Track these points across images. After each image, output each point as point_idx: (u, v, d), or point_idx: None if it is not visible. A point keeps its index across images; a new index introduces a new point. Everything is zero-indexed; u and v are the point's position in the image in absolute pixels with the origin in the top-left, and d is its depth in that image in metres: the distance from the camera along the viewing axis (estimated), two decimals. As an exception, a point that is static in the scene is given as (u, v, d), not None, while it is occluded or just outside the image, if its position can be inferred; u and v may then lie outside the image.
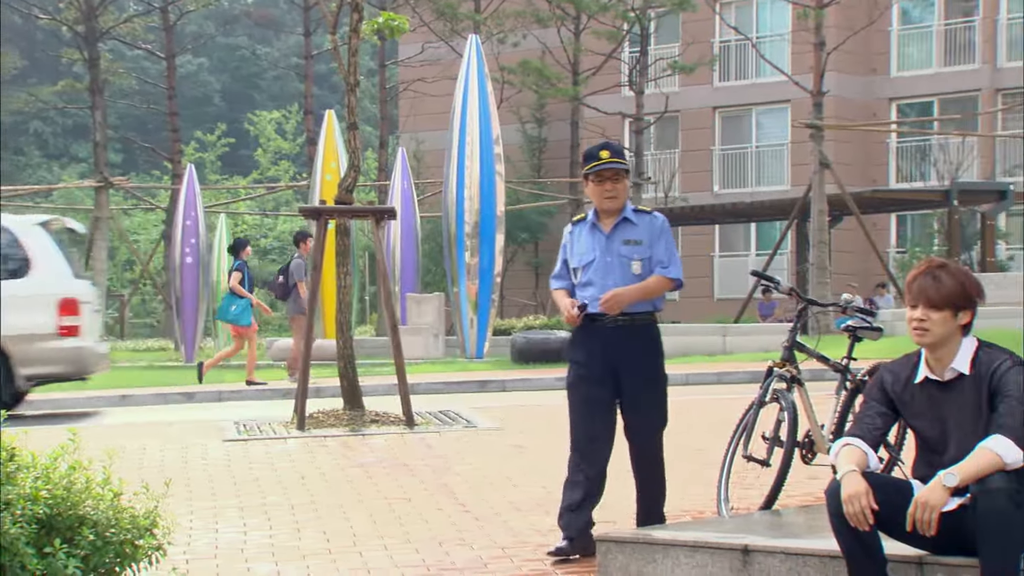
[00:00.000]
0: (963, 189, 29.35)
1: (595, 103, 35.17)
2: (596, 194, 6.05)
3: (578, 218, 6.20)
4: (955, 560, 4.49)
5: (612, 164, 6.01)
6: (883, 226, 36.10)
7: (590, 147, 6.16)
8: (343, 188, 11.42)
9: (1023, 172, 35.71)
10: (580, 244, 6.12)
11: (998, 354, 4.42)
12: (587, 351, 6.03)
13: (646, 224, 6.09)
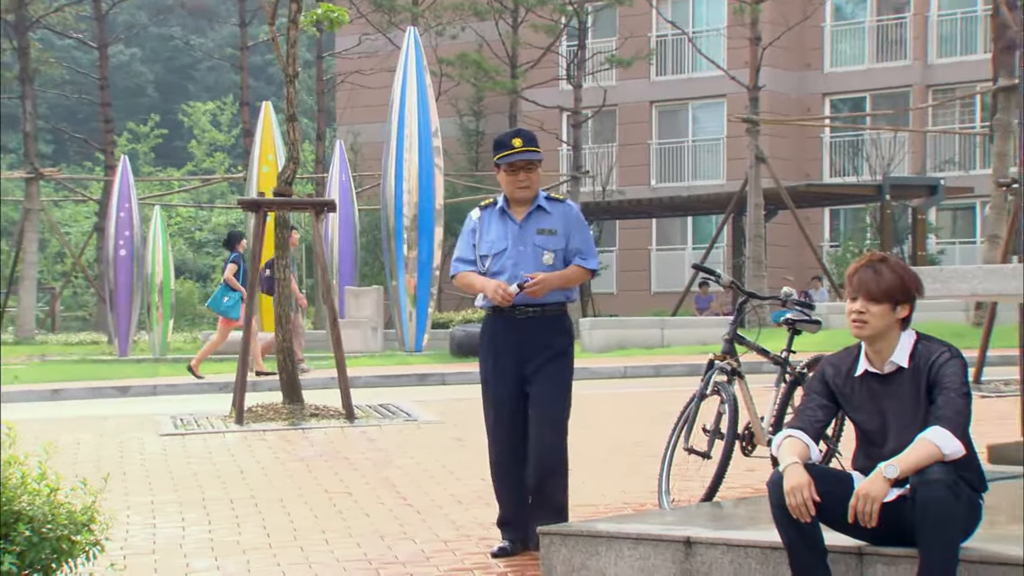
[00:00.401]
0: (895, 184, 29.72)
1: (533, 96, 35.21)
2: (509, 184, 5.85)
3: (486, 202, 6.00)
4: (894, 551, 4.55)
5: (526, 154, 5.82)
6: (817, 220, 36.45)
7: (501, 135, 5.94)
8: (282, 180, 11.35)
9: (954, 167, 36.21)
10: (490, 231, 5.90)
11: (936, 346, 4.48)
12: (500, 344, 5.86)
13: (560, 213, 5.92)
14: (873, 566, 4.60)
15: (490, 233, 5.90)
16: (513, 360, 5.84)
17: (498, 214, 5.91)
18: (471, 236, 5.96)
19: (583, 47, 33.75)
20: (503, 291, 5.75)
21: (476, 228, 5.95)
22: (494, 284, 5.78)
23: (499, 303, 5.77)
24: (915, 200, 30.64)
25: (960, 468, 4.36)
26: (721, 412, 6.34)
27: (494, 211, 5.93)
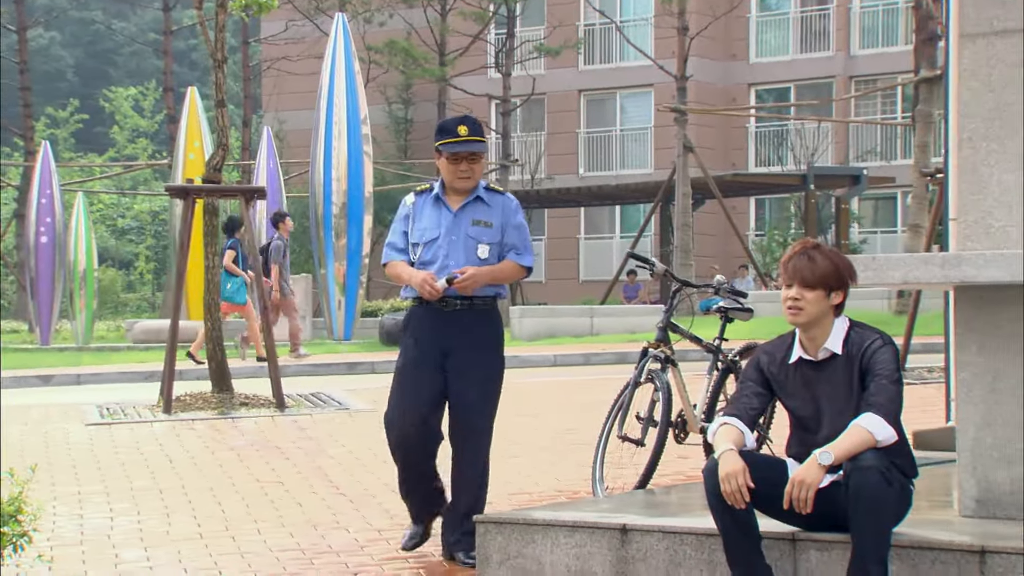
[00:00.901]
0: (819, 173, 30.06)
1: (462, 84, 35.15)
2: (449, 172, 5.59)
3: (422, 188, 5.75)
4: (827, 536, 4.61)
5: (472, 145, 5.57)
6: (742, 209, 36.78)
7: (446, 120, 5.70)
8: (211, 167, 11.23)
9: (876, 157, 36.70)
10: (424, 219, 5.65)
11: (869, 333, 4.53)
12: (422, 336, 5.58)
13: (499, 205, 5.67)
14: (806, 551, 4.65)
15: (423, 220, 5.65)
16: (436, 351, 5.57)
17: (433, 201, 5.66)
18: (404, 223, 5.70)
19: (512, 35, 33.74)
20: (431, 285, 5.51)
21: (410, 214, 5.69)
22: (421, 276, 5.53)
23: (426, 297, 5.53)
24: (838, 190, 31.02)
25: (892, 454, 4.43)
26: (655, 400, 6.37)
27: (429, 197, 5.69)
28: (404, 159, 38.79)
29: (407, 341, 5.69)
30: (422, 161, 37.55)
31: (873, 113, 37.78)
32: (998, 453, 4.92)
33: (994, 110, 5.06)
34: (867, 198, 36.23)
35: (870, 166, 33.78)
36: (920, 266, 4.95)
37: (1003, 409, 4.91)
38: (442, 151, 5.60)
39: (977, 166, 5.10)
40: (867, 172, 30.55)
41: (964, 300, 5.02)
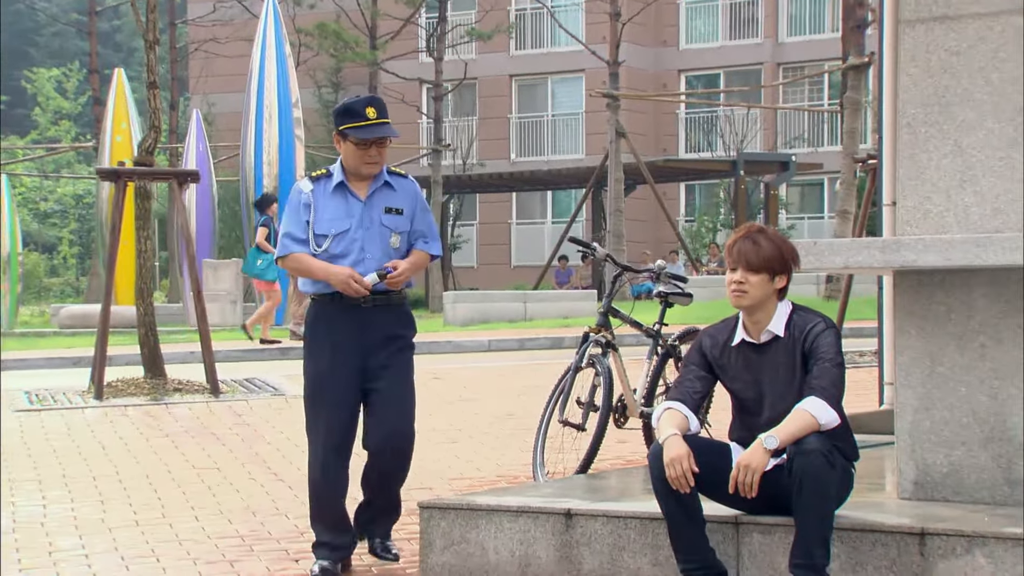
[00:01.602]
0: (749, 159, 30.32)
1: (393, 68, 34.96)
2: (355, 157, 5.15)
3: (318, 173, 5.28)
4: (770, 519, 4.64)
5: (383, 128, 5.15)
6: (672, 195, 37.00)
7: (351, 101, 5.21)
8: (143, 150, 11.07)
9: (803, 144, 37.07)
10: (328, 208, 5.19)
11: (811, 317, 4.57)
12: (340, 336, 5.16)
13: (405, 190, 5.29)
14: (749, 535, 4.69)
15: (327, 210, 5.18)
16: (356, 354, 5.17)
17: (336, 189, 5.20)
18: (304, 211, 5.19)
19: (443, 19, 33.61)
20: (358, 282, 5.09)
21: (310, 203, 5.20)
22: (345, 274, 5.09)
23: (351, 295, 5.10)
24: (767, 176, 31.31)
25: (834, 438, 4.46)
26: (596, 385, 6.38)
27: (329, 184, 5.22)
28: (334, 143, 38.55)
29: (318, 343, 5.20)
30: (353, 145, 37.34)
31: (801, 100, 38.16)
32: (936, 436, 4.98)
33: (933, 96, 5.11)
34: (794, 184, 36.60)
35: (798, 152, 34.13)
36: (861, 251, 5.00)
37: (941, 393, 4.97)
38: (348, 135, 5.15)
39: (916, 152, 5.15)
40: (795, 158, 30.87)
41: (903, 285, 5.07)
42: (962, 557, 4.39)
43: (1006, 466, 4.86)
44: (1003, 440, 4.87)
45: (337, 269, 5.12)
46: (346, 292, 5.10)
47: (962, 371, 4.93)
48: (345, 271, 5.11)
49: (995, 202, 4.98)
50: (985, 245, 4.74)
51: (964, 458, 4.93)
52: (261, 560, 5.44)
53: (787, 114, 37.49)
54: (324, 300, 5.21)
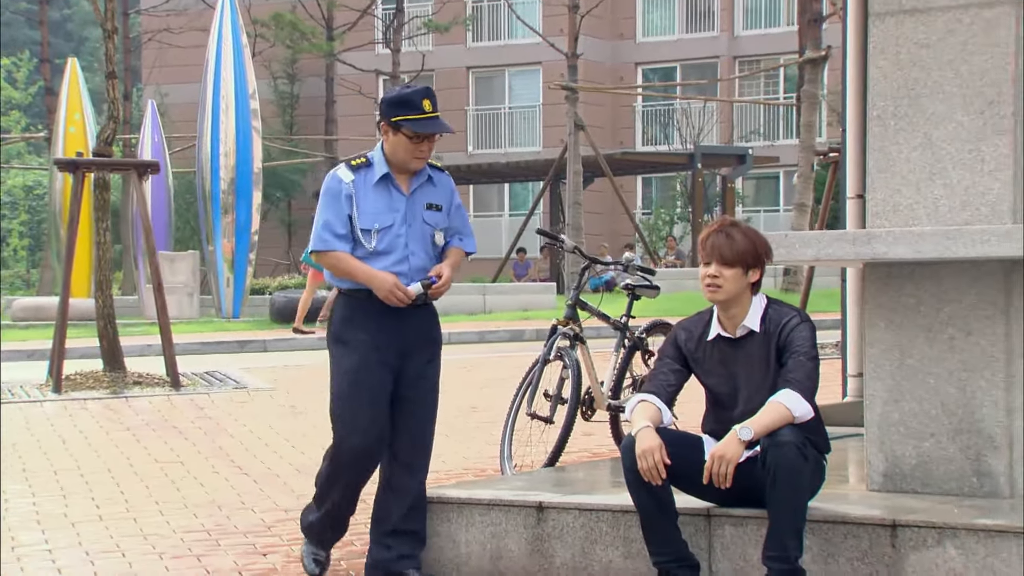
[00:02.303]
0: (706, 152, 30.42)
1: (350, 60, 34.81)
2: (406, 151, 4.82)
3: (357, 162, 4.92)
4: (742, 511, 4.65)
5: (439, 124, 4.86)
6: (629, 188, 37.08)
7: (407, 92, 4.86)
8: (102, 140, 10.95)
9: (759, 137, 37.25)
10: (370, 201, 4.86)
11: (786, 311, 4.57)
12: (381, 335, 4.86)
13: (444, 186, 5.04)
14: (721, 527, 4.69)
15: (369, 203, 4.85)
16: (395, 355, 4.89)
17: (378, 181, 4.87)
18: (345, 203, 4.85)
19: (400, 10, 33.49)
20: (401, 293, 4.81)
21: (351, 194, 4.86)
22: (390, 282, 4.79)
23: (393, 304, 4.82)
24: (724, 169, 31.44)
25: (807, 430, 4.47)
26: (564, 377, 6.36)
27: (371, 175, 4.88)
28: (290, 135, 38.33)
29: (357, 337, 4.87)
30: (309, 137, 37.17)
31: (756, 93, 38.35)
32: (905, 428, 5.00)
33: (902, 88, 5.12)
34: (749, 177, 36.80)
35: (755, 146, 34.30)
36: (832, 243, 5.01)
37: (909, 385, 4.98)
38: (402, 127, 4.81)
39: (885, 144, 5.16)
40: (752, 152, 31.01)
41: (873, 277, 5.08)
42: (933, 548, 4.41)
43: (975, 458, 4.89)
44: (972, 432, 4.89)
45: (382, 276, 4.82)
46: (387, 301, 4.81)
47: (931, 363, 4.95)
48: (390, 280, 4.81)
49: (964, 195, 5.00)
50: (955, 237, 4.76)
51: (933, 450, 4.95)
52: (228, 554, 5.39)
53: (743, 108, 37.67)
54: (360, 296, 4.88)
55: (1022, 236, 4.65)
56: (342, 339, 4.92)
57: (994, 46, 4.97)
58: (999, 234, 4.70)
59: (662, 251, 31.48)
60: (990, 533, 4.35)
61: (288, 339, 17.15)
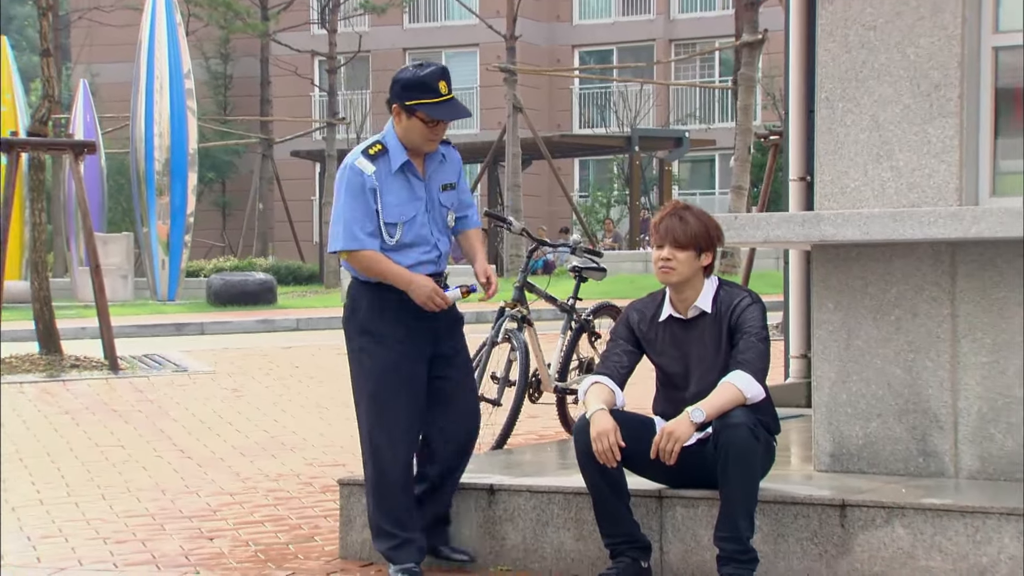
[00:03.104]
0: (644, 135, 30.50)
1: (286, 40, 34.50)
2: (420, 135, 4.60)
3: (375, 150, 4.61)
4: (693, 493, 4.66)
5: (456, 108, 4.66)
6: (566, 171, 37.12)
7: (423, 73, 4.61)
8: (37, 120, 10.78)
9: (695, 120, 37.43)
10: (393, 193, 4.62)
11: (737, 292, 4.58)
12: (413, 322, 4.64)
13: (454, 161, 4.82)
14: (673, 508, 4.70)
15: (392, 194, 4.61)
16: (428, 341, 4.69)
17: (397, 168, 4.62)
18: (371, 197, 4.59)
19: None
20: (440, 299, 4.60)
21: (375, 187, 4.60)
22: (429, 288, 4.56)
23: (431, 310, 4.60)
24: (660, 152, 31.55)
25: (758, 411, 4.48)
26: (512, 360, 6.35)
27: (389, 163, 4.62)
28: (224, 115, 37.96)
29: (387, 330, 4.64)
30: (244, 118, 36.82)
31: (692, 77, 38.51)
32: (852, 409, 5.04)
33: (850, 70, 5.15)
34: (685, 160, 37.00)
35: (691, 129, 34.45)
36: (781, 225, 5.03)
37: (857, 366, 5.03)
38: (416, 111, 4.59)
39: (833, 126, 5.19)
40: (689, 135, 31.14)
41: (821, 259, 5.11)
42: (882, 528, 4.45)
43: (920, 438, 4.94)
44: (918, 412, 4.94)
45: (420, 281, 4.57)
46: (425, 307, 4.59)
47: (878, 344, 5.00)
48: (428, 285, 4.57)
49: (911, 177, 5.05)
50: (902, 219, 4.79)
51: (879, 430, 5.00)
52: (174, 539, 5.33)
53: (679, 91, 37.82)
54: (384, 285, 4.64)
55: (968, 218, 4.70)
56: (370, 330, 4.68)
57: (941, 28, 5.01)
58: (946, 216, 4.74)
59: (600, 233, 31.56)
60: (938, 512, 4.40)
61: (226, 322, 17.01)
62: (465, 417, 4.82)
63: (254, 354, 11.90)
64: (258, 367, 10.85)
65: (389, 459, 4.69)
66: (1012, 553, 4.28)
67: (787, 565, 4.55)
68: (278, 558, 4.99)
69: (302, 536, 5.33)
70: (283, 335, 15.72)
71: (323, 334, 15.62)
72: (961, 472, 4.88)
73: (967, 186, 5.00)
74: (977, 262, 4.87)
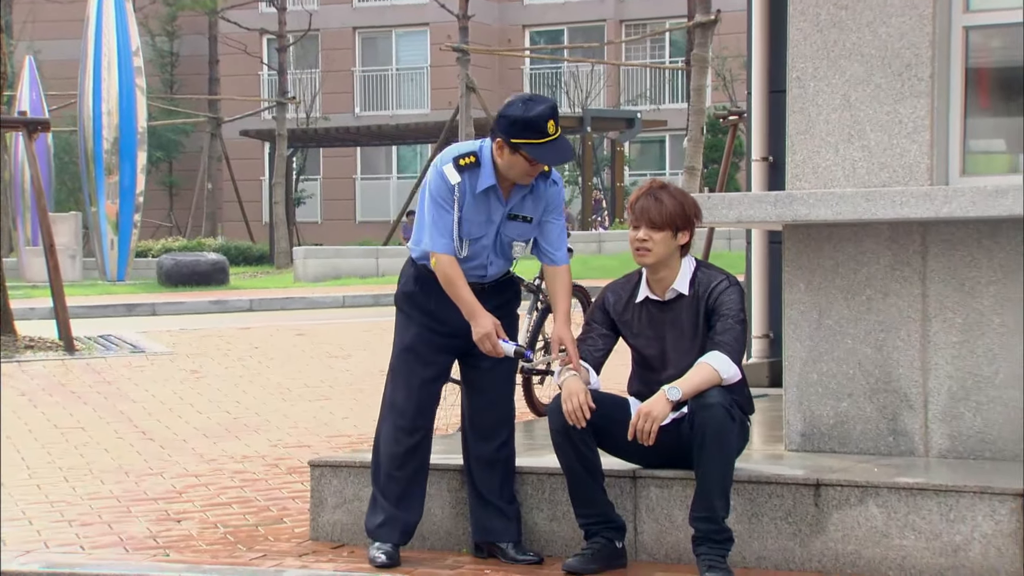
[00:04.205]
0: (596, 116, 30.50)
1: (234, 18, 34.16)
2: (520, 172, 4.53)
3: (466, 162, 4.56)
4: (667, 473, 4.66)
5: (564, 151, 4.56)
6: (520, 151, 37.06)
7: (531, 110, 4.50)
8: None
9: (646, 101, 37.48)
10: (472, 210, 4.57)
11: (715, 274, 4.57)
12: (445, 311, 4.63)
13: (546, 195, 4.66)
14: (647, 488, 4.70)
15: (471, 211, 4.56)
16: (459, 335, 4.66)
17: (481, 186, 4.55)
18: (447, 201, 4.56)
19: (286, -31, 32.92)
20: (493, 344, 4.54)
21: (458, 196, 4.56)
22: (488, 328, 4.52)
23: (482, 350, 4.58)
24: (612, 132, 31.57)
25: (733, 392, 4.48)
26: (479, 340, 6.29)
27: (477, 181, 4.56)
28: (171, 94, 37.56)
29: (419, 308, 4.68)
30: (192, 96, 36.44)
31: (643, 57, 38.55)
32: (823, 388, 5.05)
33: (821, 50, 5.14)
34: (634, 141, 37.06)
35: (642, 109, 34.48)
36: (754, 205, 5.03)
37: (828, 345, 5.04)
38: (521, 150, 4.49)
39: (805, 106, 5.18)
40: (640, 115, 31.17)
41: (793, 239, 5.12)
42: (856, 507, 4.47)
43: (891, 417, 4.96)
44: (888, 391, 4.96)
45: (483, 319, 4.53)
46: (479, 346, 4.56)
47: (849, 324, 5.01)
48: (488, 325, 4.52)
49: (882, 156, 5.06)
50: (874, 199, 4.80)
51: (850, 409, 5.02)
52: (141, 521, 5.26)
53: (630, 71, 37.85)
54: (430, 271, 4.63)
55: (940, 197, 4.72)
56: (403, 309, 4.74)
57: (912, 8, 5.01)
58: (918, 195, 4.76)
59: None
60: (911, 491, 4.42)
61: (179, 302, 16.85)
62: (493, 409, 4.75)
63: (212, 335, 11.77)
64: (216, 348, 10.74)
65: (387, 432, 4.73)
66: (985, 531, 4.31)
67: (761, 544, 4.56)
68: (248, 540, 4.94)
69: (271, 518, 5.28)
70: (237, 316, 15.60)
71: (278, 315, 15.53)
72: (931, 451, 4.91)
73: (938, 166, 5.02)
74: (948, 242, 4.89)
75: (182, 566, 4.57)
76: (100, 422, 7.47)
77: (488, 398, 4.76)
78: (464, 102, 25.70)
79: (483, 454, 4.75)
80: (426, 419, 4.76)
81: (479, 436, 4.77)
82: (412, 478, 4.73)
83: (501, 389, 4.78)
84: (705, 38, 23.23)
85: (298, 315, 15.02)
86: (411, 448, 4.71)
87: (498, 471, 4.74)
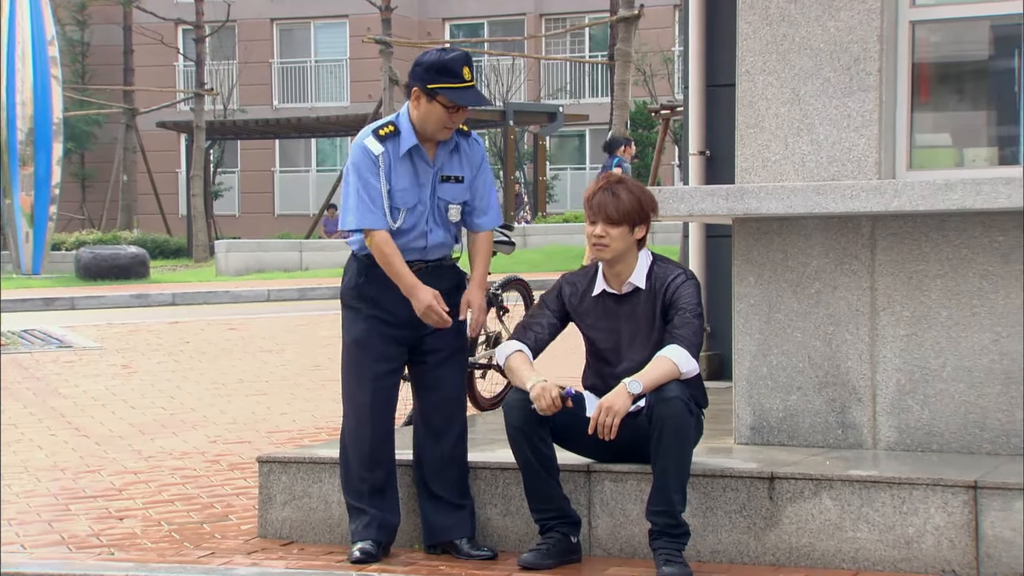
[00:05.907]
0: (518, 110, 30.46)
1: (150, 8, 33.64)
2: (438, 121, 4.52)
3: (386, 131, 4.56)
4: (621, 467, 4.64)
5: (478, 95, 4.56)
6: (438, 144, 36.96)
7: (446, 58, 4.54)
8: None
9: (566, 95, 37.56)
10: (399, 176, 4.53)
11: (672, 268, 4.55)
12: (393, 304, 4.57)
13: (472, 153, 4.69)
14: (601, 483, 4.68)
15: (398, 178, 4.54)
16: (408, 327, 4.62)
17: (404, 150, 4.54)
18: (375, 173, 4.52)
19: (203, -42, 32.48)
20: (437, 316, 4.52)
21: (383, 166, 4.53)
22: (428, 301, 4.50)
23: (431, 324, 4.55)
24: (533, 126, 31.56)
25: (693, 386, 4.48)
26: (424, 333, 6.24)
27: (399, 145, 4.55)
28: (82, 84, 36.92)
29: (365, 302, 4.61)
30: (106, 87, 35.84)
31: (562, 51, 38.62)
32: (772, 382, 5.07)
33: (771, 44, 5.16)
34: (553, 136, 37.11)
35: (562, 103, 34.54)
36: (705, 198, 5.02)
37: (777, 339, 5.05)
38: (438, 95, 4.50)
39: (755, 99, 5.19)
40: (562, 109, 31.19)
41: (743, 232, 5.12)
42: (810, 500, 4.49)
43: (840, 410, 4.99)
44: (837, 384, 4.99)
45: (422, 292, 4.50)
46: (424, 319, 4.53)
47: (798, 317, 5.03)
48: (428, 297, 4.50)
49: (831, 150, 5.08)
50: (826, 193, 4.82)
51: (799, 403, 5.03)
52: (82, 519, 5.14)
53: (550, 65, 37.90)
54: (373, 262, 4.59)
55: (890, 191, 4.75)
56: (350, 304, 4.67)
57: (860, 2, 5.04)
58: (868, 189, 4.78)
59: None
60: (865, 484, 4.44)
61: (99, 296, 16.56)
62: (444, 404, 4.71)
63: (140, 330, 11.57)
64: (146, 343, 10.56)
65: (350, 431, 4.66)
66: (938, 523, 4.35)
67: (716, 538, 4.56)
68: (194, 537, 4.84)
69: (216, 515, 5.18)
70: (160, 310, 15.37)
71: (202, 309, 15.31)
72: (879, 443, 4.94)
73: (885, 160, 5.06)
74: (896, 235, 4.92)
75: (130, 564, 4.46)
76: (31, 419, 7.30)
77: (438, 396, 4.71)
78: (387, 95, 25.56)
79: (436, 453, 4.70)
80: (385, 416, 4.67)
81: (432, 435, 4.71)
82: (385, 479, 4.67)
83: (451, 386, 4.74)
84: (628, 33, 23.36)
85: (223, 309, 14.82)
86: (377, 447, 4.64)
87: (452, 469, 4.70)
